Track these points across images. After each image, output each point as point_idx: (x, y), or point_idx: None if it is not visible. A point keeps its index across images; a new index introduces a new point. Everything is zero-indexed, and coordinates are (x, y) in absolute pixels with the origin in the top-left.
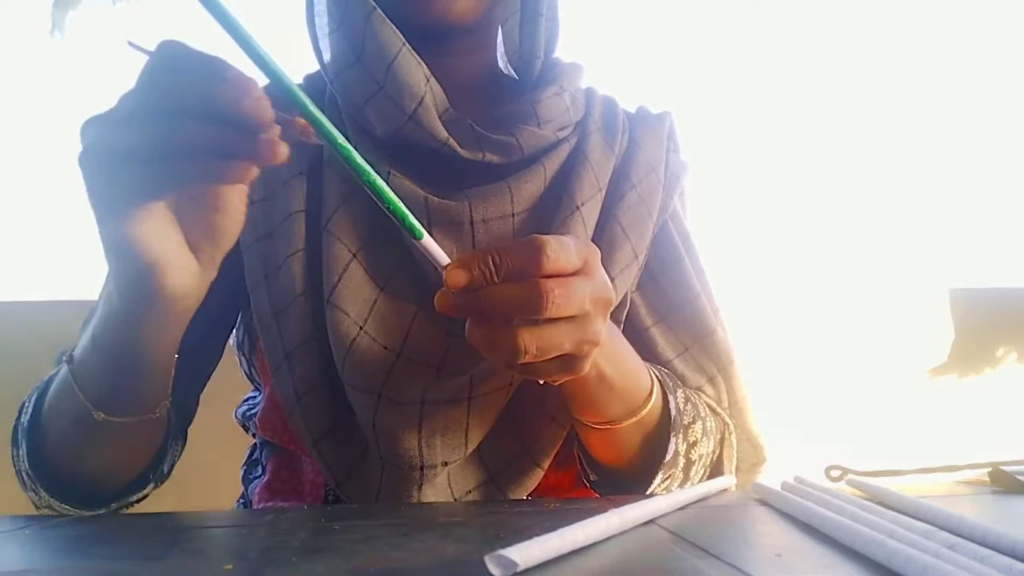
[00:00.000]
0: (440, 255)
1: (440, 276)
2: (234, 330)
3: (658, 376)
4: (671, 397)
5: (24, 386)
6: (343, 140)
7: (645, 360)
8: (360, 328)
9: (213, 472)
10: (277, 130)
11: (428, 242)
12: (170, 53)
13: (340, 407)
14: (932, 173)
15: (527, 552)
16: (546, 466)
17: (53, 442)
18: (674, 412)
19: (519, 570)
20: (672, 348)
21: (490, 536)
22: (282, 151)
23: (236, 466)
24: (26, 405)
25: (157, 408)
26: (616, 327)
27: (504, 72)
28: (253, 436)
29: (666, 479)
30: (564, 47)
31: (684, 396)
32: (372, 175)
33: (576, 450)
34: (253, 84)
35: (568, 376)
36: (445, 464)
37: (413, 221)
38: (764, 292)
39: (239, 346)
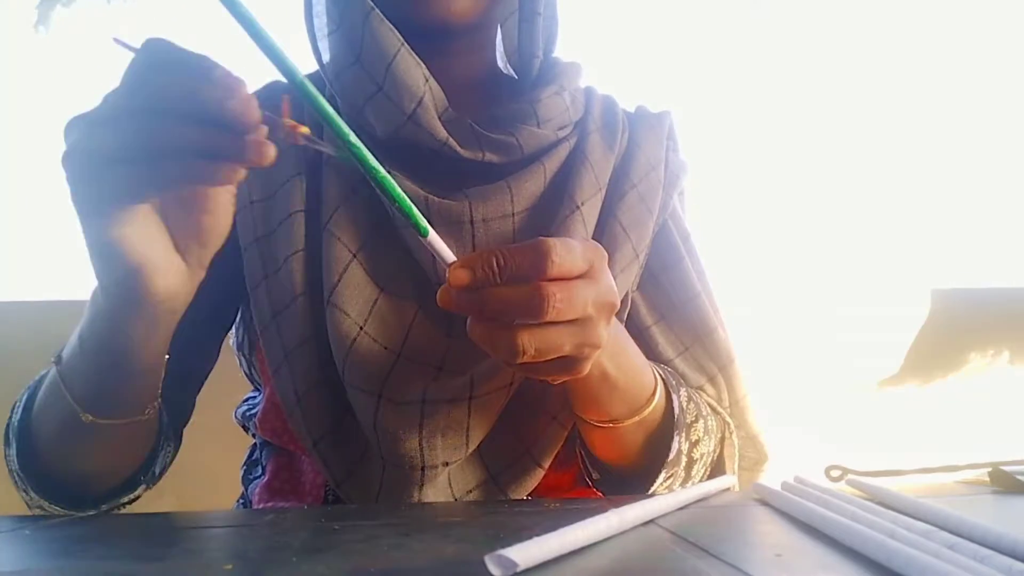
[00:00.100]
0: (446, 252)
1: (444, 273)
2: (234, 330)
3: (661, 375)
4: (674, 396)
5: (24, 386)
6: (355, 138)
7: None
8: (360, 328)
9: (213, 472)
10: (264, 131)
11: (434, 239)
12: (155, 51)
13: (340, 407)
14: (937, 171)
15: (527, 552)
16: (547, 466)
17: (42, 443)
18: (677, 411)
19: (519, 570)
20: (672, 347)
21: (490, 536)
22: (269, 152)
23: (236, 466)
24: (16, 406)
25: (146, 410)
26: (621, 325)
27: (504, 72)
28: (253, 436)
29: (668, 478)
30: (563, 46)
31: (687, 395)
32: (381, 171)
33: (579, 449)
34: (240, 84)
35: (568, 376)
36: (446, 464)
37: (420, 218)
38: (764, 291)
39: (239, 346)
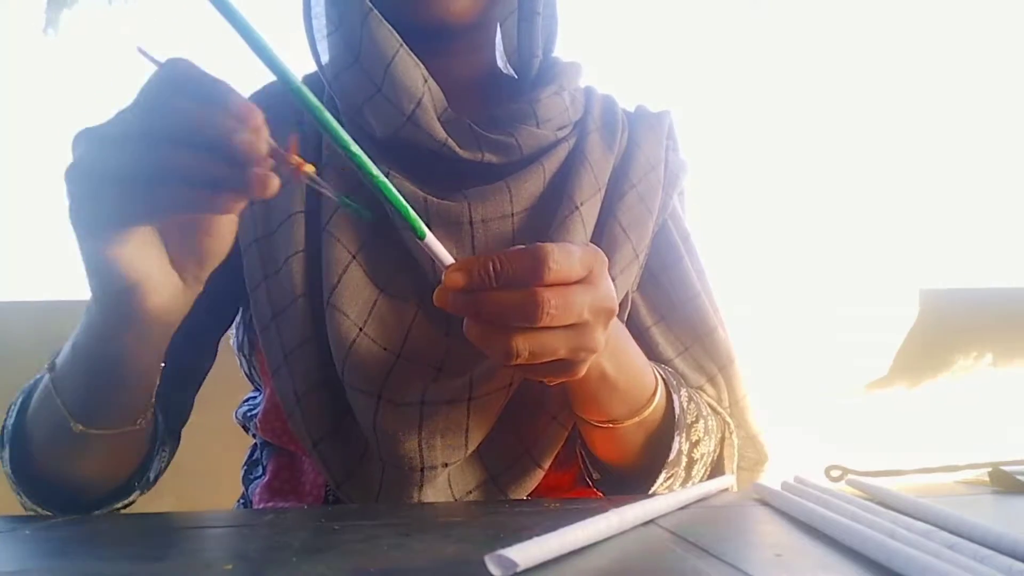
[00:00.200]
0: (444, 255)
1: (442, 275)
2: (234, 331)
3: (662, 375)
4: (675, 396)
5: (23, 388)
6: (355, 147)
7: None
8: (360, 329)
9: (213, 472)
10: (270, 163)
11: (432, 242)
12: (175, 72)
13: (340, 408)
14: (934, 171)
15: (527, 552)
16: (547, 466)
17: (35, 448)
18: (678, 411)
19: (519, 570)
20: (672, 347)
21: (490, 536)
22: (272, 186)
23: (236, 466)
24: (11, 409)
25: (137, 420)
26: (622, 325)
27: (503, 71)
28: (253, 437)
29: (669, 478)
30: (563, 46)
31: (687, 395)
32: (378, 175)
33: (579, 449)
34: (255, 113)
35: (564, 378)
36: (445, 465)
37: (417, 220)
38: (764, 291)
39: (239, 347)
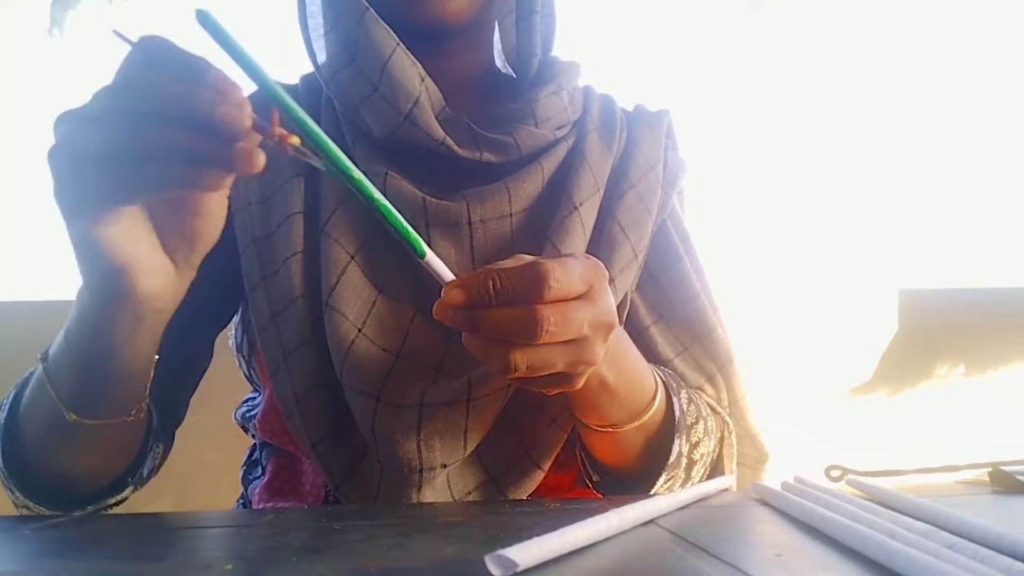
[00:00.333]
0: (444, 272)
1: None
2: (233, 331)
3: (662, 378)
4: (675, 399)
5: None
6: (354, 169)
7: (645, 360)
8: (359, 330)
9: (213, 472)
10: (256, 138)
11: (432, 259)
12: (151, 49)
13: (339, 409)
14: (936, 171)
15: (527, 552)
16: (546, 467)
17: (28, 442)
18: (678, 414)
19: (519, 570)
20: (672, 347)
21: (490, 536)
22: (258, 161)
23: (236, 466)
24: (4, 403)
25: (131, 412)
26: (622, 330)
27: (502, 71)
28: (253, 437)
29: (669, 479)
30: (562, 45)
31: (687, 397)
32: (378, 197)
33: (579, 451)
34: (235, 88)
35: (562, 390)
36: (444, 466)
37: (418, 240)
38: (764, 291)
39: (238, 348)
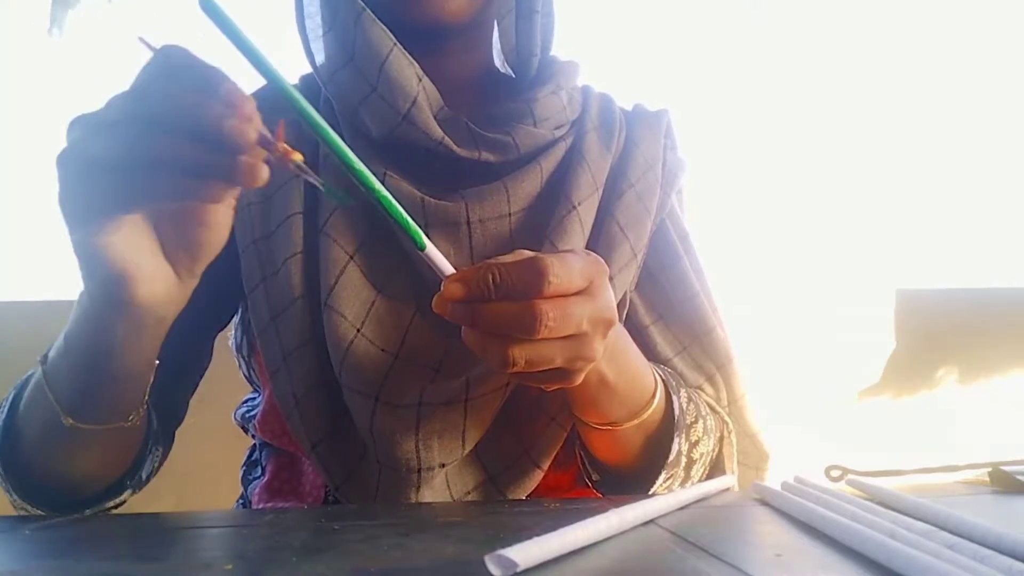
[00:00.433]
0: (444, 265)
1: (441, 282)
2: (233, 331)
3: (662, 376)
4: (674, 397)
5: None
6: (355, 159)
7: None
8: (357, 331)
9: (213, 472)
10: (261, 152)
11: (432, 252)
12: (168, 58)
13: (338, 410)
14: (939, 170)
15: (527, 552)
16: (546, 467)
17: (26, 444)
18: (677, 412)
19: (519, 570)
20: (671, 347)
21: (490, 536)
22: (261, 175)
23: (236, 466)
24: (3, 404)
25: (129, 417)
26: (622, 327)
27: (501, 70)
28: (252, 438)
29: (668, 479)
30: (561, 44)
31: (686, 396)
32: (379, 188)
33: (578, 450)
34: (246, 100)
35: (560, 386)
36: (443, 466)
37: (418, 232)
38: (764, 290)
39: (238, 348)
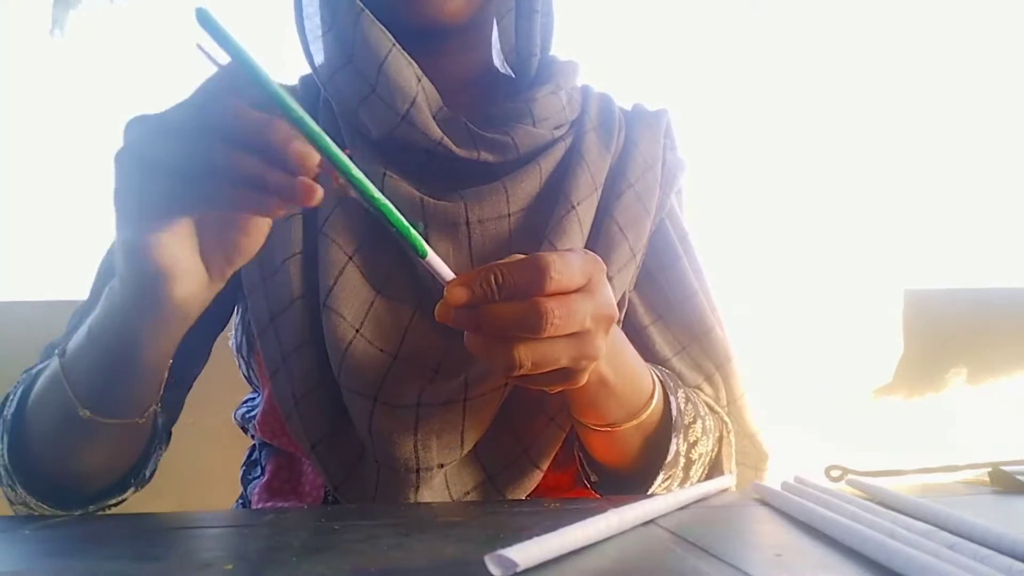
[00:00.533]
0: (445, 272)
1: (443, 287)
2: (233, 332)
3: (660, 377)
4: (672, 398)
5: None
6: (355, 168)
7: (643, 359)
8: (356, 331)
9: (213, 472)
10: (316, 173)
11: (433, 259)
12: (235, 73)
13: (337, 410)
14: (939, 170)
15: (527, 552)
16: (545, 467)
17: (36, 437)
18: (675, 413)
19: (519, 570)
20: (670, 347)
21: (490, 536)
22: (317, 196)
23: (236, 467)
24: (11, 397)
25: (145, 413)
26: (619, 329)
27: (500, 70)
28: (252, 438)
29: (667, 479)
30: (560, 44)
31: (684, 396)
32: (380, 197)
33: (576, 451)
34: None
35: (565, 387)
36: (441, 466)
37: (419, 240)
38: (764, 290)
39: (238, 348)
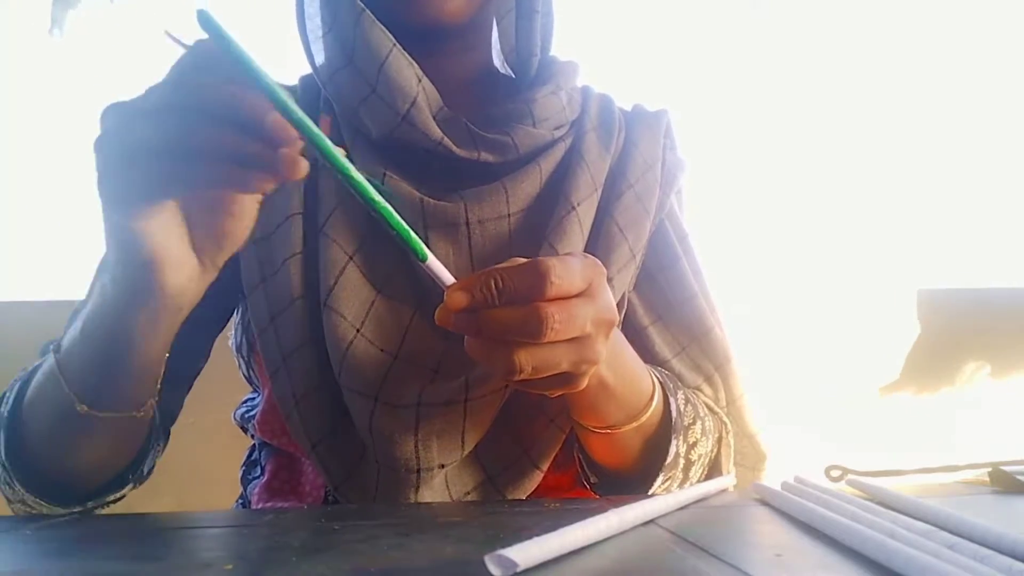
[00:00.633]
0: (445, 276)
1: (443, 290)
2: (233, 332)
3: (659, 378)
4: (672, 399)
5: None
6: (355, 172)
7: (643, 360)
8: (357, 331)
9: (213, 472)
10: (300, 145)
11: (433, 263)
12: (207, 52)
13: (337, 410)
14: (938, 170)
15: (527, 552)
16: (545, 468)
17: (32, 434)
18: (675, 414)
19: (519, 570)
20: (669, 347)
21: (490, 536)
22: (302, 168)
23: (235, 467)
24: (7, 395)
25: (143, 407)
26: (619, 331)
27: (500, 70)
28: (252, 438)
29: (666, 480)
30: (560, 45)
31: (684, 397)
32: (379, 200)
33: (576, 452)
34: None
35: (565, 391)
36: (442, 466)
37: (419, 243)
38: (763, 290)
39: (238, 348)
